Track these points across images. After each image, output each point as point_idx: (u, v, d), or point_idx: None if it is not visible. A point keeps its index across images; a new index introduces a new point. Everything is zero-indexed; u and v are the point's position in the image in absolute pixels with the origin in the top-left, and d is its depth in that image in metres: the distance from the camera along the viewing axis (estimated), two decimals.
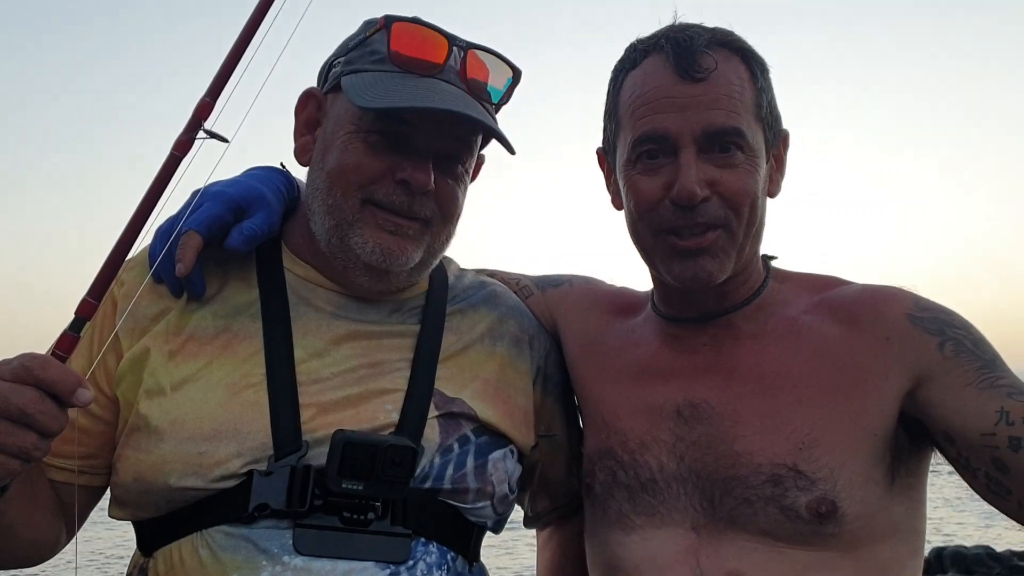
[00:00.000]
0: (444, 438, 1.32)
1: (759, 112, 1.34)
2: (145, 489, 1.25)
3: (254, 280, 1.38)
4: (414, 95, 1.27)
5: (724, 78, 1.31)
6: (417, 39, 1.32)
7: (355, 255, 1.32)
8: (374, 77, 1.31)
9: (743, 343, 1.39)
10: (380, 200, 1.31)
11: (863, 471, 1.26)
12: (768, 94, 1.37)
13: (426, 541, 1.28)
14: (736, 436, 1.31)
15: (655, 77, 1.33)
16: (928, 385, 1.25)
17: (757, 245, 1.41)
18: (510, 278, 1.67)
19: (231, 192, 1.35)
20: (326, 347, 1.34)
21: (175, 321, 1.32)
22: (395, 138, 1.30)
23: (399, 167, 1.30)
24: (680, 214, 1.30)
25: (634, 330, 1.53)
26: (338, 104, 1.35)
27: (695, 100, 1.29)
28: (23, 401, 0.99)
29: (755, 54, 1.37)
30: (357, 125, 1.31)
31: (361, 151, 1.30)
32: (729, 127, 1.30)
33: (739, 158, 1.31)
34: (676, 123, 1.29)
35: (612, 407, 1.46)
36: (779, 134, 1.41)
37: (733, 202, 1.31)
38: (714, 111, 1.29)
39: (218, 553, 1.20)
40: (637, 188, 1.35)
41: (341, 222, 1.31)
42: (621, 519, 1.38)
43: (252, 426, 1.24)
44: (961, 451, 1.23)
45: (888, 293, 1.35)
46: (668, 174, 1.31)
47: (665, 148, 1.31)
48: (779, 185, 1.43)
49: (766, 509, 1.26)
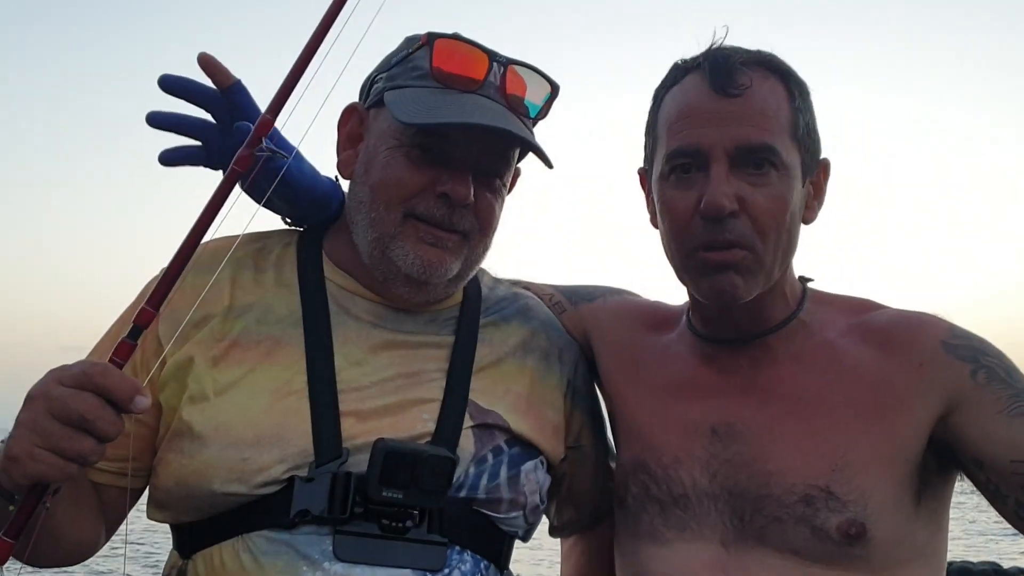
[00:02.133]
0: (479, 448, 1.34)
1: (795, 132, 1.35)
2: (187, 493, 1.27)
3: (296, 288, 1.40)
4: (455, 111, 1.30)
5: (760, 95, 1.33)
6: (459, 55, 1.34)
7: (396, 267, 1.34)
8: (416, 93, 1.33)
9: (780, 364, 1.40)
10: (421, 213, 1.33)
11: (893, 495, 1.28)
12: (806, 116, 1.37)
13: (461, 550, 1.29)
14: (770, 456, 1.33)
15: (692, 93, 1.35)
16: (960, 411, 1.27)
17: (787, 267, 1.42)
18: (544, 292, 1.68)
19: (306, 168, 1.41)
20: (365, 356, 1.36)
21: (218, 327, 1.35)
22: (436, 153, 1.32)
23: (440, 181, 1.32)
24: (709, 228, 1.31)
25: (669, 346, 1.55)
26: (380, 119, 1.37)
27: (729, 115, 1.31)
28: (84, 407, 1.02)
29: (795, 76, 1.38)
30: (399, 140, 1.33)
31: (403, 165, 1.33)
32: (762, 143, 1.31)
33: (772, 176, 1.32)
34: (709, 137, 1.31)
35: (647, 421, 1.48)
36: (818, 160, 1.42)
37: (760, 222, 1.31)
38: (747, 127, 1.31)
39: (259, 558, 1.22)
40: (671, 203, 1.37)
41: (383, 235, 1.34)
42: (652, 532, 1.40)
43: (294, 432, 1.26)
44: (991, 478, 1.25)
45: (923, 319, 1.37)
46: (700, 188, 1.32)
47: (698, 162, 1.33)
48: (816, 213, 1.44)
49: (796, 528, 1.28)
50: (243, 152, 1.11)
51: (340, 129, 1.44)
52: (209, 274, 1.29)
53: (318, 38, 1.14)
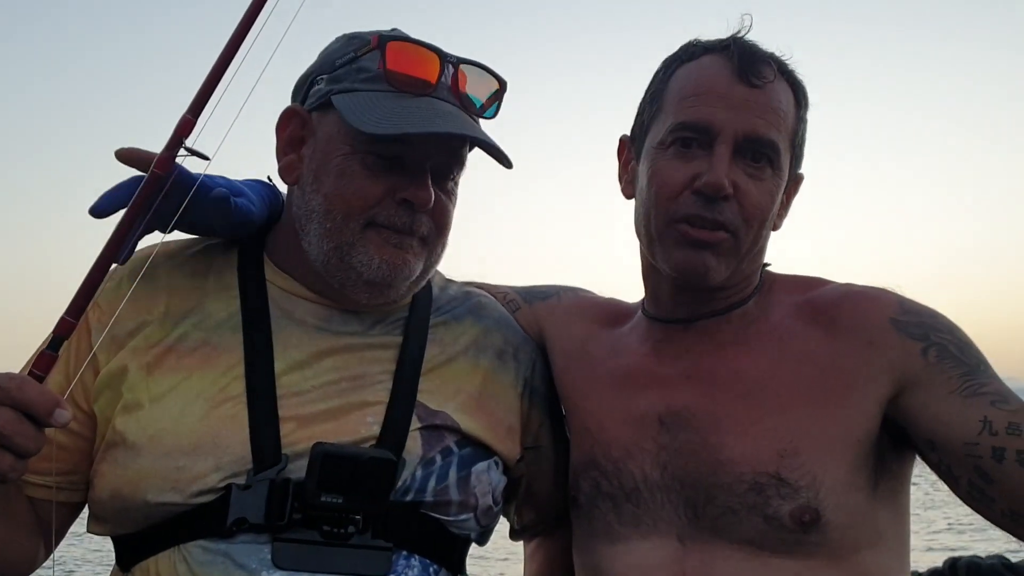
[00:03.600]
0: (426, 450, 1.31)
1: (794, 139, 1.37)
2: (122, 505, 1.24)
3: (236, 292, 1.37)
4: (417, 118, 1.27)
5: (776, 93, 1.34)
6: (412, 58, 1.31)
7: (357, 273, 1.31)
8: (368, 97, 1.30)
9: (725, 350, 1.38)
10: (383, 222, 1.30)
11: (846, 478, 1.25)
12: (803, 128, 1.40)
13: (408, 554, 1.27)
14: (718, 444, 1.31)
15: (714, 72, 1.35)
16: (911, 392, 1.25)
17: (756, 264, 1.42)
18: (497, 291, 1.66)
19: (219, 180, 1.34)
20: (307, 360, 1.33)
21: (154, 334, 1.32)
22: (392, 158, 1.29)
23: (399, 187, 1.29)
24: (700, 204, 1.31)
25: (620, 339, 1.53)
26: (328, 123, 1.33)
27: (747, 103, 1.31)
28: (0, 423, 1.00)
29: (803, 86, 1.40)
30: (352, 146, 1.30)
31: (361, 175, 1.29)
32: (768, 138, 1.32)
33: (767, 172, 1.33)
34: (722, 118, 1.31)
35: (596, 417, 1.45)
36: (796, 173, 1.43)
37: (749, 212, 1.32)
38: (761, 119, 1.32)
39: (195, 568, 1.19)
40: (664, 173, 1.35)
41: (341, 244, 1.30)
42: (606, 529, 1.37)
43: (231, 440, 1.23)
44: (943, 459, 1.23)
45: (872, 295, 1.35)
46: (698, 166, 1.32)
47: (703, 140, 1.32)
48: (782, 222, 1.45)
49: (750, 518, 1.25)
50: (163, 154, 1.09)
51: (280, 133, 1.39)
52: (141, 281, 1.25)
53: (239, 37, 1.12)
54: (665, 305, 1.45)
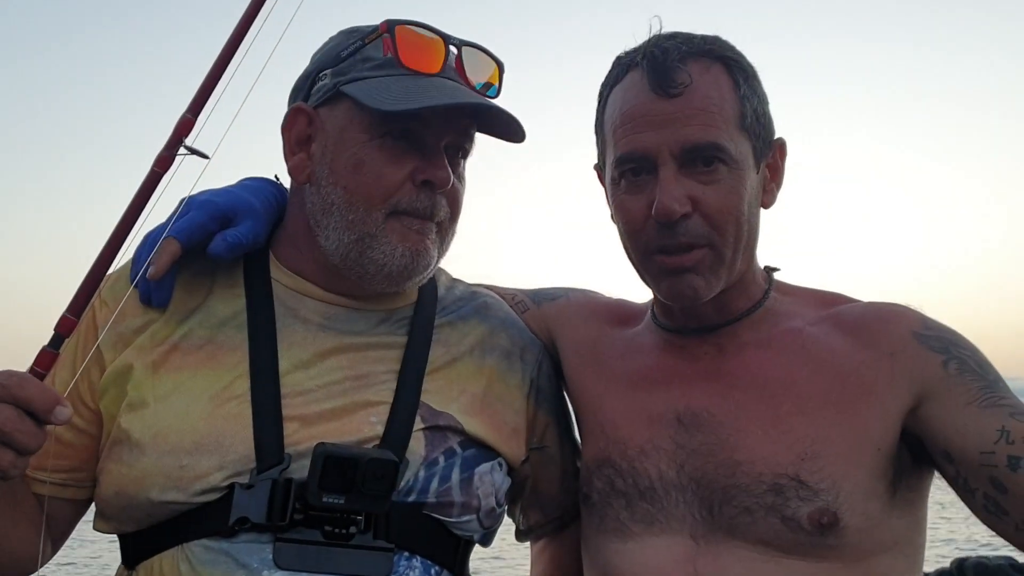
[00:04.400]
0: (429, 451, 1.31)
1: (743, 122, 1.32)
2: (127, 503, 1.24)
3: (241, 291, 1.37)
4: (435, 93, 1.27)
5: (701, 92, 1.29)
6: (420, 41, 1.32)
7: (378, 266, 1.31)
8: (380, 82, 1.30)
9: (746, 351, 1.38)
10: (405, 208, 1.30)
11: (865, 484, 1.24)
12: (753, 102, 1.34)
13: (409, 555, 1.26)
14: (737, 444, 1.30)
15: (633, 94, 1.32)
16: (930, 402, 1.24)
17: (750, 257, 1.39)
18: (506, 293, 1.66)
19: (218, 201, 1.35)
20: (312, 359, 1.33)
21: (159, 331, 1.32)
22: (408, 139, 1.30)
23: (419, 169, 1.30)
24: (663, 233, 1.29)
25: (633, 339, 1.52)
26: (338, 115, 1.33)
27: (671, 117, 1.28)
28: (0, 420, 1.00)
29: (739, 61, 1.34)
30: (369, 133, 1.30)
31: (380, 160, 1.29)
32: (707, 142, 1.28)
33: (722, 172, 1.29)
34: (654, 141, 1.28)
35: (611, 415, 1.44)
36: (770, 143, 1.38)
37: (716, 220, 1.29)
38: (691, 127, 1.28)
39: (197, 567, 1.19)
40: (623, 208, 1.35)
41: (364, 235, 1.30)
42: (618, 527, 1.36)
43: (234, 439, 1.23)
44: (960, 470, 1.21)
45: (895, 310, 1.34)
46: (650, 192, 1.30)
47: (646, 166, 1.30)
48: (774, 195, 1.41)
49: (767, 519, 1.24)
50: (163, 153, 1.09)
51: (286, 132, 1.38)
52: None
53: (238, 36, 1.12)
54: (676, 319, 1.45)
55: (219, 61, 1.12)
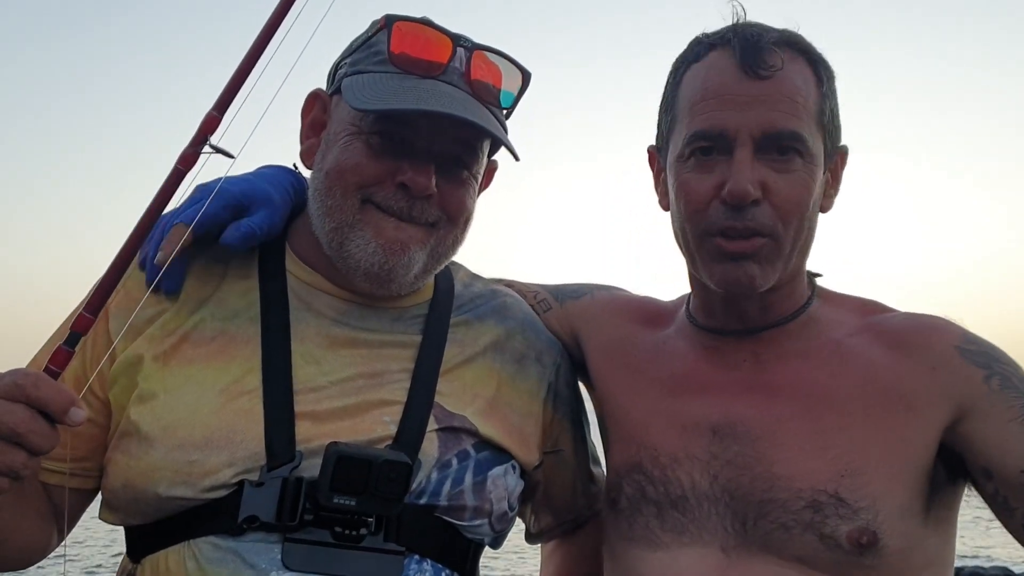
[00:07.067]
0: (443, 453, 1.29)
1: (821, 119, 1.29)
2: (134, 496, 1.23)
3: (255, 282, 1.35)
4: (411, 97, 1.24)
5: (789, 79, 1.27)
6: (420, 39, 1.29)
7: (355, 260, 1.29)
8: (373, 78, 1.28)
9: (786, 361, 1.34)
10: (379, 202, 1.28)
11: (904, 502, 1.22)
12: (832, 101, 1.32)
13: (420, 558, 1.24)
14: (776, 458, 1.27)
15: (718, 72, 1.29)
16: (971, 418, 1.22)
17: (804, 258, 1.36)
18: (528, 290, 1.62)
19: (233, 190, 1.33)
20: (324, 354, 1.31)
21: (170, 321, 1.30)
22: (396, 141, 1.27)
23: (399, 170, 1.27)
24: (729, 215, 1.26)
25: (666, 341, 1.48)
26: (342, 105, 1.32)
27: (758, 99, 1.25)
28: (14, 420, 0.98)
29: (822, 59, 1.32)
30: (358, 127, 1.28)
31: (361, 152, 1.28)
32: (790, 130, 1.26)
33: (797, 163, 1.27)
34: (735, 121, 1.25)
35: (642, 420, 1.41)
36: (837, 147, 1.36)
37: (783, 211, 1.27)
38: (776, 112, 1.25)
39: (204, 566, 1.17)
40: (688, 186, 1.31)
41: (341, 224, 1.28)
42: (647, 536, 1.34)
43: (245, 435, 1.21)
44: (999, 488, 1.19)
45: (937, 323, 1.32)
46: (721, 173, 1.27)
47: (721, 146, 1.27)
48: (832, 201, 1.39)
49: (803, 536, 1.22)
50: (187, 151, 1.07)
51: (304, 117, 1.39)
52: None
53: (268, 32, 1.09)
54: (718, 317, 1.41)
55: (248, 57, 1.08)
